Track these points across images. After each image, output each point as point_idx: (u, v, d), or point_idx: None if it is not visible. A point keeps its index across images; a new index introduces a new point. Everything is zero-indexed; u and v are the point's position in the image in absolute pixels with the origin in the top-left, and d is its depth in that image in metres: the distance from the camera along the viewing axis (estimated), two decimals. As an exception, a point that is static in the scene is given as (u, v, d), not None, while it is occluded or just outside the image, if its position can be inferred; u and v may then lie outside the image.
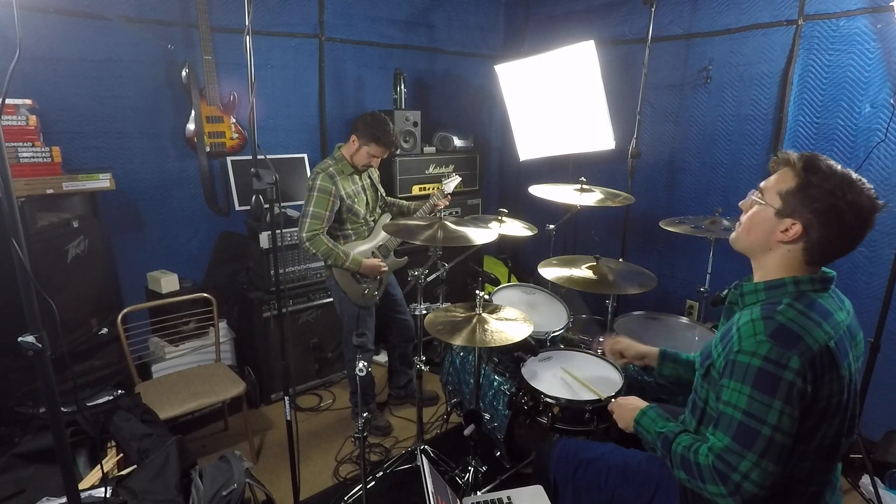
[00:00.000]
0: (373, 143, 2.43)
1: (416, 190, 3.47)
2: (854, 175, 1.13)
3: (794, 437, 1.09)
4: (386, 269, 2.55)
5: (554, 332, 2.37)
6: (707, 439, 1.17)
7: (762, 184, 1.24)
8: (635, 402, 1.45)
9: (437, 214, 2.39)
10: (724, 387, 1.14)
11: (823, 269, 1.23)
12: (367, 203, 2.61)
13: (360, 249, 2.54)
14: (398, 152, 3.30)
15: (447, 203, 2.69)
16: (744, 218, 1.28)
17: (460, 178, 2.76)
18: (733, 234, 1.31)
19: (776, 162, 1.22)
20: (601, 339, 1.80)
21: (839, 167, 1.14)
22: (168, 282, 2.66)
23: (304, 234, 2.39)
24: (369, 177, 2.65)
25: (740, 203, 1.30)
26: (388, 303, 2.77)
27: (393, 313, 2.81)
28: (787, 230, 1.16)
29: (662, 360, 1.63)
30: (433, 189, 2.77)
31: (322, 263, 2.98)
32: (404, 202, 2.85)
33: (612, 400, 1.57)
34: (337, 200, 2.44)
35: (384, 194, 2.78)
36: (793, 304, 1.14)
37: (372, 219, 2.66)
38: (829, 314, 1.15)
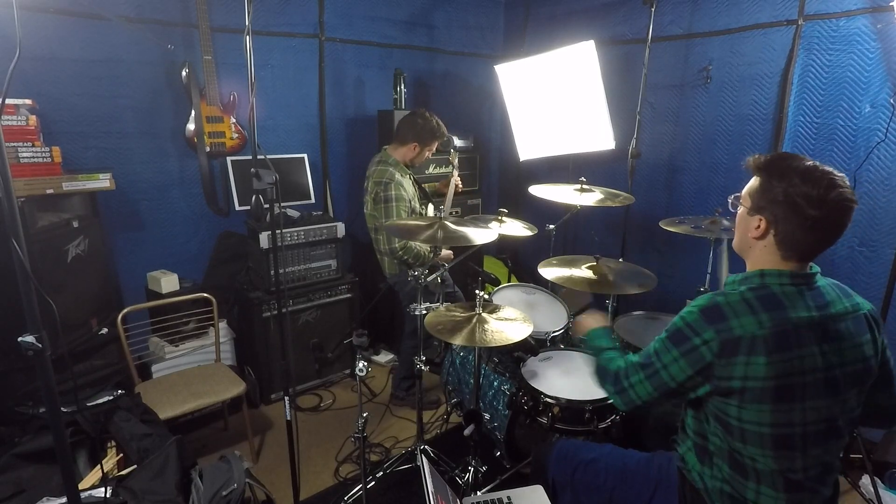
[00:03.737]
0: (434, 142, 2.65)
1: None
2: (818, 168, 1.17)
3: (715, 407, 1.24)
4: (452, 255, 2.70)
5: (554, 332, 2.37)
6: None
7: (744, 188, 1.32)
8: (596, 320, 1.69)
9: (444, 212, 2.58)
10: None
11: (813, 266, 1.26)
12: (419, 198, 2.78)
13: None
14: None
15: (460, 183, 2.93)
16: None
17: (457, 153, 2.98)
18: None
19: (747, 167, 1.30)
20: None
21: (803, 163, 1.19)
22: (168, 282, 2.66)
23: (396, 245, 2.52)
24: (412, 174, 2.82)
25: (731, 208, 1.39)
26: (448, 297, 2.93)
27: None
28: (758, 227, 1.24)
29: None
30: (445, 181, 2.95)
31: (322, 263, 3.02)
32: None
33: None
34: (408, 204, 2.60)
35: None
36: (745, 292, 1.23)
37: (424, 212, 2.83)
38: (779, 308, 1.19)
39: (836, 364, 1.21)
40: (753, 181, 1.28)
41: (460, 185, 2.96)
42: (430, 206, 2.91)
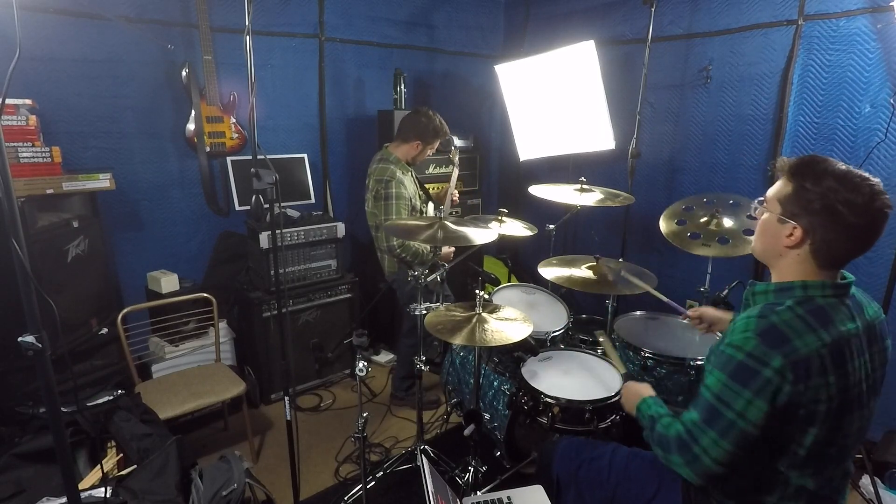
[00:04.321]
0: (437, 141, 2.64)
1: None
2: (854, 173, 1.12)
3: (780, 437, 1.13)
4: (452, 254, 2.71)
5: (554, 332, 2.37)
6: (682, 416, 1.24)
7: (767, 192, 1.26)
8: (642, 390, 1.48)
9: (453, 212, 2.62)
10: (706, 372, 1.20)
11: (845, 273, 1.22)
12: (420, 197, 2.78)
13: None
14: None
15: (457, 196, 2.92)
16: (757, 227, 1.30)
17: (457, 151, 2.97)
18: (752, 244, 1.34)
19: (774, 169, 1.26)
20: (685, 313, 1.85)
21: (837, 167, 1.14)
22: (168, 282, 2.66)
23: (394, 242, 2.52)
24: (414, 172, 2.81)
25: (756, 214, 1.31)
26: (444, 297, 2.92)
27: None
28: (790, 235, 1.17)
29: None
30: (442, 188, 2.95)
31: (322, 263, 3.03)
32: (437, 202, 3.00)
33: (624, 383, 1.59)
34: (409, 202, 2.60)
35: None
36: (794, 307, 1.15)
37: (425, 211, 2.81)
38: (831, 322, 1.14)
39: (872, 370, 1.20)
40: (783, 185, 1.19)
41: (457, 198, 2.97)
42: (431, 206, 2.91)
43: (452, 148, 2.99)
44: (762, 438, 1.13)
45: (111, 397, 2.08)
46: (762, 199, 1.27)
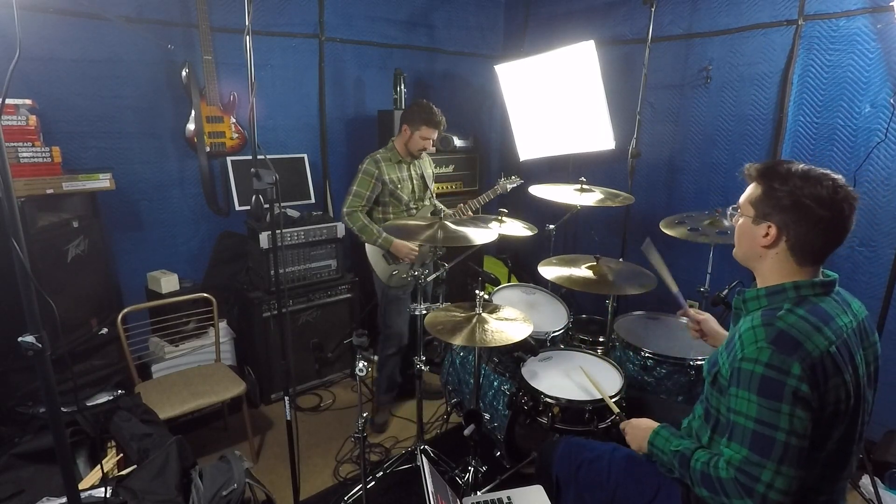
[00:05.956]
0: (423, 126, 2.60)
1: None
2: (816, 170, 1.17)
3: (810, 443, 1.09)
4: (416, 253, 2.62)
5: (554, 332, 2.37)
6: (722, 452, 1.16)
7: (740, 199, 1.30)
8: (647, 423, 1.45)
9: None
10: (731, 395, 1.15)
11: (826, 272, 1.24)
12: (413, 191, 2.73)
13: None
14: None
15: (473, 209, 2.93)
16: (735, 233, 1.33)
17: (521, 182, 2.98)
18: (734, 251, 1.36)
19: (743, 177, 1.29)
20: (686, 311, 1.76)
21: (800, 167, 1.19)
22: (168, 282, 2.66)
23: (344, 209, 2.56)
24: (421, 169, 2.76)
25: (732, 221, 1.35)
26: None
27: None
28: (766, 234, 1.21)
29: None
30: (464, 204, 2.97)
31: (322, 263, 3.03)
32: (445, 209, 2.95)
33: (624, 419, 1.57)
34: (379, 184, 2.59)
35: (434, 190, 2.90)
36: (793, 309, 1.16)
37: (414, 207, 2.76)
38: (831, 318, 1.16)
39: (867, 364, 1.21)
40: (753, 189, 1.25)
41: (472, 212, 2.95)
42: (429, 209, 2.87)
43: (513, 177, 3.00)
44: None
45: (111, 397, 2.09)
46: (736, 205, 1.31)
